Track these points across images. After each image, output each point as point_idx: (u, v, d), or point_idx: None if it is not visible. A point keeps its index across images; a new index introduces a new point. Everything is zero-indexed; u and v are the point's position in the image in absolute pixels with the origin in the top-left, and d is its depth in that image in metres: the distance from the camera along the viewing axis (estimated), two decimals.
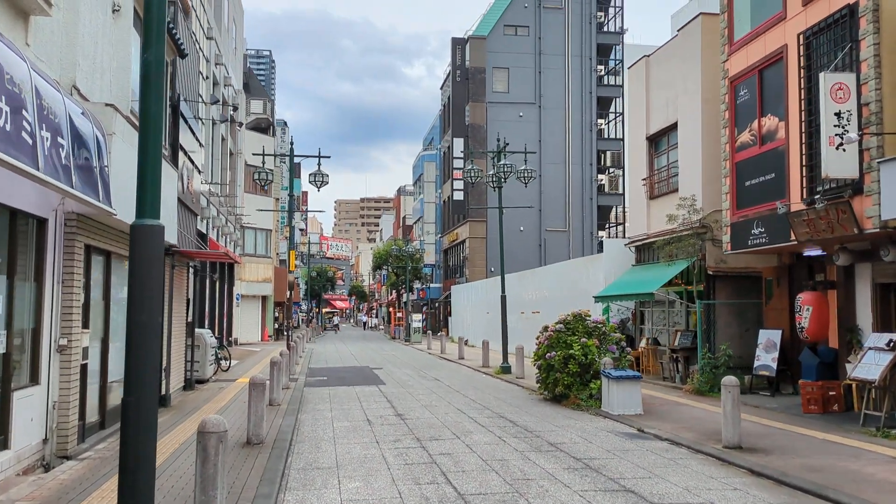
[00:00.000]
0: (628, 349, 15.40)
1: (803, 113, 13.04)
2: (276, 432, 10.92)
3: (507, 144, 22.54)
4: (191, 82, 17.49)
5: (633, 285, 18.93)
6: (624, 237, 61.00)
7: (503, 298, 22.36)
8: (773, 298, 16.16)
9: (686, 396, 15.57)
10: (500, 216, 22.73)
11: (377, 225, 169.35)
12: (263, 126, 50.08)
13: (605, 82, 52.58)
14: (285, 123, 73.44)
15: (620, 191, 51.48)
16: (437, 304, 59.75)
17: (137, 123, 7.51)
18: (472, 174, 22.04)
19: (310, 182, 21.94)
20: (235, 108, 33.06)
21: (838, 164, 11.33)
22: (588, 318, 15.47)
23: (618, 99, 51.89)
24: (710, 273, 16.92)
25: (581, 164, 49.50)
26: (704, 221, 16.78)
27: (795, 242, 13.29)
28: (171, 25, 13.53)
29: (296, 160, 34.89)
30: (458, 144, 49.27)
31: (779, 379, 15.33)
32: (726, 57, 15.83)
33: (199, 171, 22.23)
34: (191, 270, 16.41)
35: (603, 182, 52.00)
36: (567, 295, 25.46)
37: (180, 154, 14.86)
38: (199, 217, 22.25)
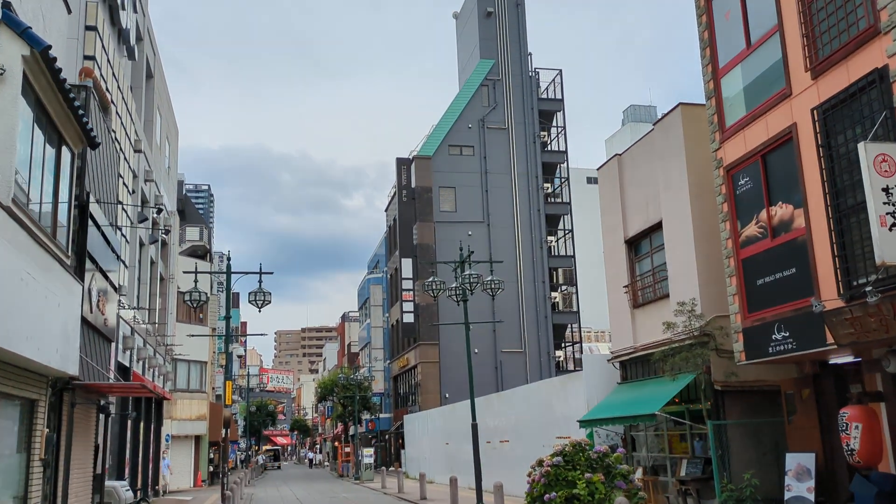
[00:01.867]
0: (639, 484, 12.80)
1: (828, 196, 11.30)
2: None
3: (472, 252, 20.45)
4: (108, 186, 15.09)
5: (627, 406, 16.51)
6: (580, 353, 59.47)
7: (474, 427, 19.60)
8: (796, 415, 13.92)
9: None
10: (466, 332, 20.32)
11: (320, 355, 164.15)
12: (200, 253, 47.29)
13: (554, 198, 51.99)
14: (225, 255, 70.88)
15: (575, 308, 49.89)
16: (387, 437, 55.83)
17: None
18: (434, 286, 19.77)
19: (250, 302, 19.32)
20: (167, 231, 30.57)
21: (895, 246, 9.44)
22: (590, 447, 12.90)
23: (566, 216, 51.23)
24: (719, 389, 14.67)
25: (533, 281, 47.91)
26: (706, 329, 14.70)
27: (834, 347, 11.22)
28: (80, 111, 11.23)
29: (234, 290, 32.23)
30: (407, 265, 47.31)
31: None
32: (718, 145, 14.28)
33: (119, 293, 19.42)
34: (102, 410, 13.37)
35: (556, 300, 50.38)
36: (541, 421, 22.80)
37: (89, 266, 12.22)
38: (116, 346, 19.22)
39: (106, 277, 14.13)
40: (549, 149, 52.66)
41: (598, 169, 20.43)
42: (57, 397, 10.87)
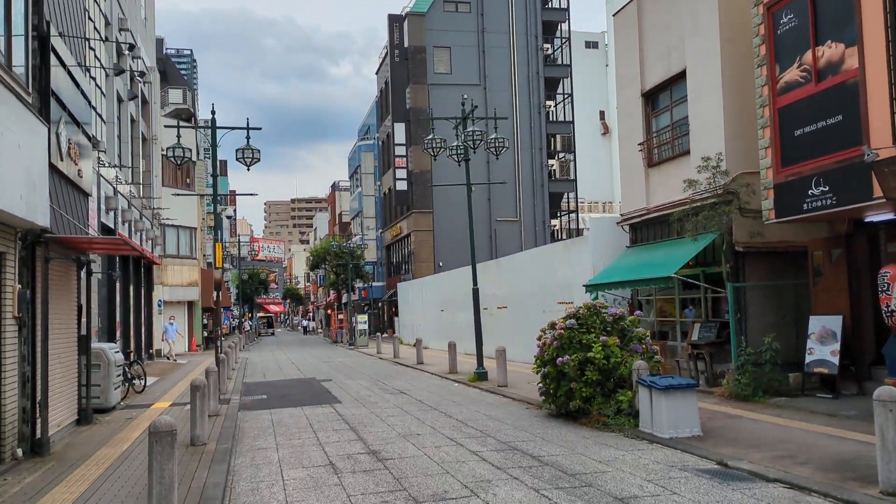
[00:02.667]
0: (654, 347, 12.13)
1: (889, 30, 9.97)
2: (198, 499, 7.18)
3: (476, 108, 19.05)
4: (74, 20, 13.43)
5: (639, 269, 15.72)
6: (576, 222, 59.16)
7: (475, 292, 18.91)
8: (823, 277, 13.14)
9: (724, 403, 12.39)
10: (468, 193, 19.24)
11: (310, 226, 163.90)
12: (184, 117, 45.28)
13: (553, 61, 49.69)
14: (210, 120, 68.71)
15: (572, 176, 48.80)
16: (380, 304, 56.00)
17: None
18: (434, 145, 18.50)
19: (238, 160, 18.08)
20: (143, 75, 28.70)
21: None
22: (605, 310, 12.13)
23: (566, 79, 49.16)
24: (740, 250, 13.81)
25: (530, 148, 46.52)
26: (731, 186, 13.65)
27: (880, 201, 10.22)
28: None
29: (221, 158, 30.72)
30: (400, 130, 45.66)
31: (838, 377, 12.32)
32: None
33: (98, 149, 18.09)
34: (81, 267, 12.37)
35: (553, 168, 49.18)
36: (542, 287, 22.19)
37: (57, 110, 10.87)
38: (98, 206, 18.09)
39: (79, 125, 12.80)
40: (550, 6, 49.84)
41: (613, 15, 18.72)
42: (28, 252, 9.86)
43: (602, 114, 75.38)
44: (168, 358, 29.96)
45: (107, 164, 20.45)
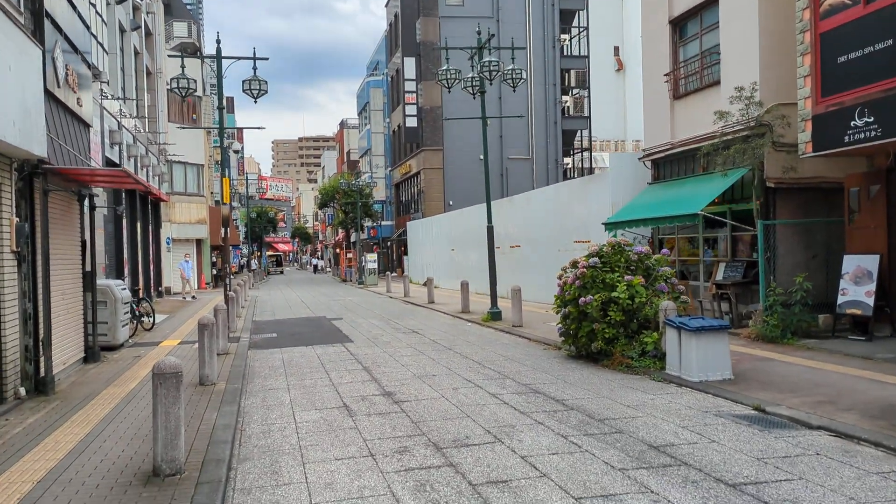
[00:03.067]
0: (680, 287, 11.63)
1: None
2: (207, 443, 6.80)
3: (492, 36, 18.17)
4: None
5: (662, 206, 15.10)
6: (587, 159, 57.92)
7: (490, 230, 18.36)
8: (859, 214, 12.51)
9: (752, 345, 11.94)
10: (483, 127, 18.50)
11: (318, 165, 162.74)
12: (190, 52, 44.15)
13: None
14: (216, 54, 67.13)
15: (586, 113, 47.66)
16: (389, 243, 55.64)
17: None
18: (448, 76, 17.71)
19: (244, 92, 17.36)
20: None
21: None
22: (630, 248, 11.59)
23: (581, 12, 47.58)
24: (771, 186, 13.16)
25: (544, 84, 45.31)
26: (764, 119, 12.93)
27: None
28: None
29: (228, 94, 29.67)
30: (410, 65, 44.47)
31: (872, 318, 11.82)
32: None
33: (100, 79, 17.41)
34: (82, 199, 11.85)
35: (567, 104, 48.01)
36: (557, 225, 21.62)
37: (52, 33, 10.18)
38: (102, 140, 17.50)
39: (77, 53, 12.12)
40: None
41: None
42: (26, 183, 9.35)
43: (616, 49, 73.44)
44: (186, 297, 29.61)
45: (110, 97, 19.78)
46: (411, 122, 44.89)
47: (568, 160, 48.82)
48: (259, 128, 20.06)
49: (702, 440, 6.58)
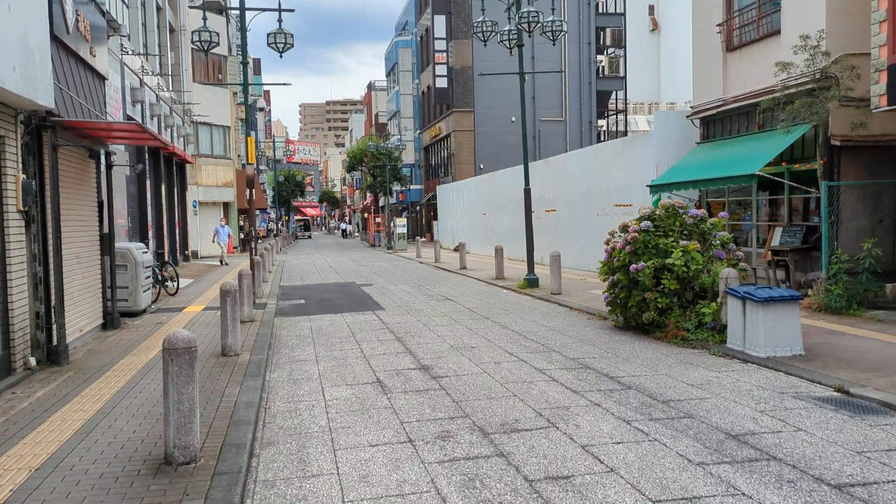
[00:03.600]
0: (739, 254, 10.71)
1: None
2: (227, 423, 6.12)
3: None
4: None
5: (713, 167, 14.09)
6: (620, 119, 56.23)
7: (527, 192, 17.46)
8: None
9: (814, 316, 11.02)
10: (521, 82, 17.47)
11: (346, 129, 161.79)
12: (215, 10, 43.24)
13: None
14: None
15: (622, 73, 46.15)
16: (418, 208, 54.88)
17: None
18: (485, 28, 16.71)
19: (269, 45, 16.54)
20: None
21: None
22: (685, 210, 10.68)
23: None
24: (837, 144, 12.10)
25: (578, 42, 43.80)
26: (831, 70, 11.83)
27: None
28: None
29: (255, 56, 28.80)
30: (440, 23, 43.19)
31: None
32: None
33: (119, 33, 16.67)
34: (94, 156, 11.16)
35: (602, 64, 46.50)
36: (596, 188, 20.63)
37: None
38: (119, 92, 16.81)
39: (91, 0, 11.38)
40: None
41: None
42: (33, 138, 8.67)
43: (651, 8, 71.31)
44: (222, 262, 29.03)
45: (130, 52, 19.07)
46: (441, 83, 43.76)
47: (602, 122, 47.45)
48: (285, 84, 19.25)
49: (786, 428, 5.75)
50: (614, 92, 46.71)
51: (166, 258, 24.57)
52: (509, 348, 9.54)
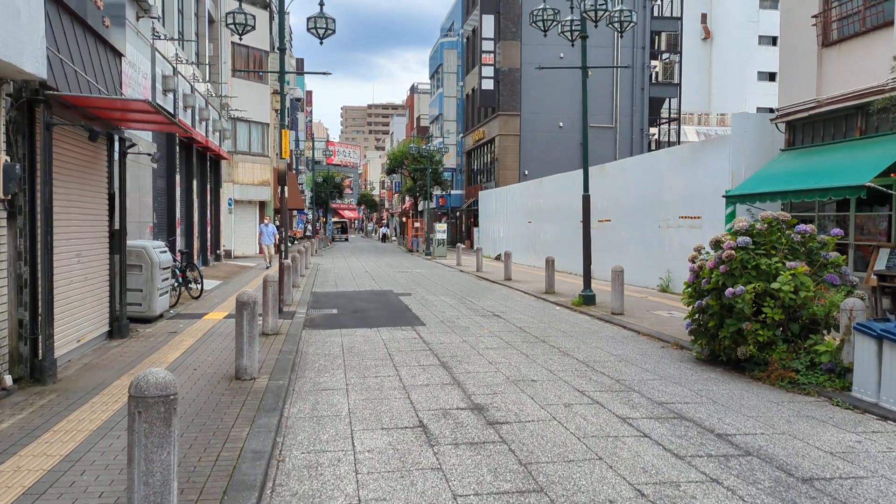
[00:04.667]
0: (853, 278, 8.95)
1: None
2: (224, 486, 4.61)
3: None
4: None
5: (807, 177, 12.31)
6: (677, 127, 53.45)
7: (587, 199, 15.81)
8: None
9: None
10: (583, 77, 15.93)
11: (386, 132, 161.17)
12: (259, 5, 42.23)
13: None
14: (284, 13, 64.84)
15: (676, 80, 44.13)
16: (458, 214, 53.35)
17: None
18: (545, 16, 15.13)
19: (309, 30, 15.18)
20: None
21: None
22: (793, 225, 8.96)
23: None
24: None
25: (632, 47, 41.92)
26: None
27: None
28: None
29: (298, 56, 27.48)
30: (488, 22, 41.68)
31: None
32: None
33: (149, 14, 15.48)
34: (93, 138, 9.77)
35: (656, 69, 44.54)
36: (658, 197, 18.89)
37: None
38: (148, 79, 15.56)
39: None
40: None
41: None
42: (23, 115, 7.34)
43: (704, 17, 69.04)
44: (269, 265, 26.86)
45: (163, 37, 17.86)
46: (487, 85, 42.18)
47: (654, 131, 45.46)
48: (325, 73, 17.80)
49: None
50: (667, 99, 44.67)
51: (196, 257, 23.38)
52: (578, 384, 7.92)
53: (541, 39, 39.82)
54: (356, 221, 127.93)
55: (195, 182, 23.58)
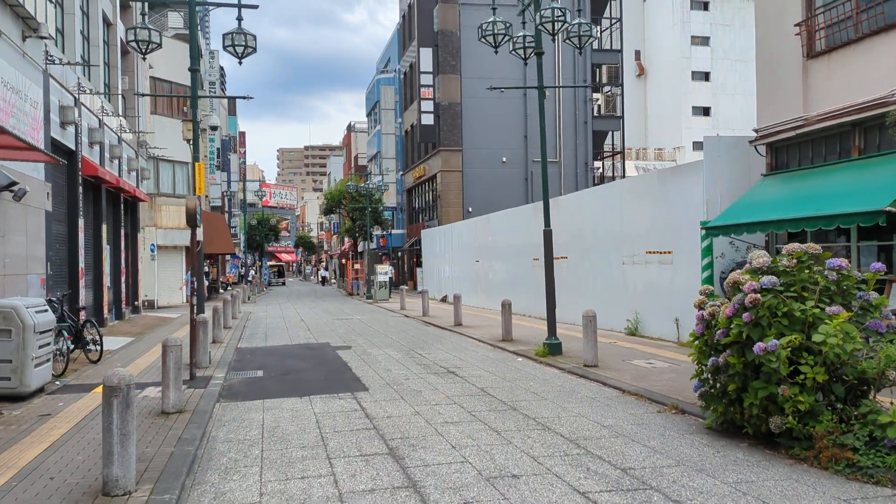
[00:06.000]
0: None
1: None
2: None
3: None
4: None
5: (802, 204, 10.74)
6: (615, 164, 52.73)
7: (548, 234, 13.96)
8: None
9: None
10: (540, 99, 14.15)
11: (324, 174, 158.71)
12: (185, 39, 39.83)
13: None
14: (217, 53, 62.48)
15: (619, 113, 43.37)
16: (400, 254, 51.33)
17: None
18: (495, 30, 13.43)
19: (225, 48, 13.14)
20: None
21: None
22: (827, 260, 7.22)
23: (613, 1, 43.35)
24: None
25: (573, 79, 41.01)
26: None
27: None
28: None
29: (229, 96, 25.55)
30: (426, 56, 40.26)
31: None
32: None
33: (38, 32, 13.28)
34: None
35: (598, 102, 43.74)
36: (619, 231, 17.27)
37: None
38: (35, 107, 13.24)
39: None
40: None
41: None
42: None
43: (637, 53, 69.50)
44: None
45: (57, 61, 15.56)
46: (427, 120, 40.59)
47: (598, 164, 44.50)
48: (247, 97, 15.74)
49: None
50: (610, 133, 43.85)
51: (106, 311, 20.76)
52: (574, 479, 5.93)
53: (482, 72, 38.61)
54: (294, 264, 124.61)
55: (105, 227, 21.03)
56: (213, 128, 23.07)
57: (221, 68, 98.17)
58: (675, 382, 10.09)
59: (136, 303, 26.08)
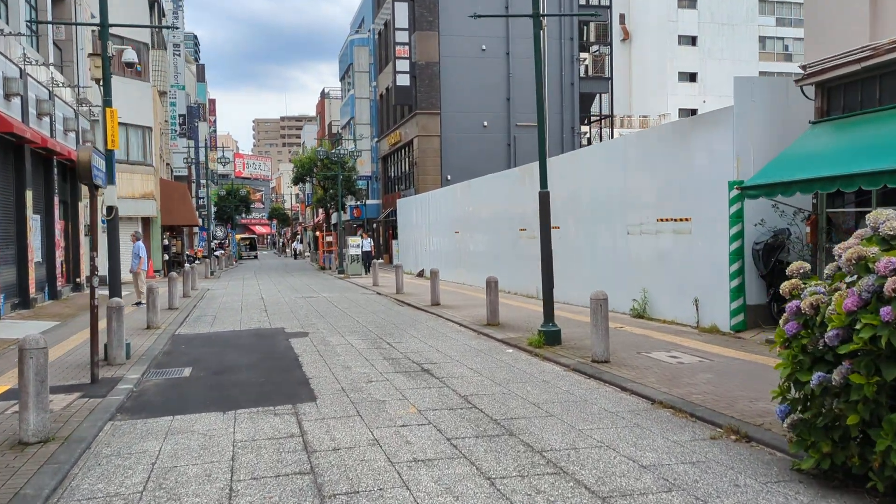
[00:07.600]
0: None
1: None
2: None
3: None
4: None
5: (872, 154, 8.32)
6: (609, 123, 50.63)
7: (544, 196, 11.41)
8: None
9: None
10: (535, 30, 11.62)
11: (300, 144, 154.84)
12: (150, 1, 36.40)
13: None
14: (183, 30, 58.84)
15: (607, 74, 40.80)
16: (375, 225, 48.70)
17: None
18: None
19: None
20: None
21: None
22: None
23: None
24: None
25: (559, 38, 38.35)
26: None
27: None
28: None
29: (202, 63, 22.55)
30: (402, 11, 37.33)
31: None
32: None
33: None
34: None
35: (586, 62, 41.11)
36: (626, 197, 14.82)
37: None
38: None
39: None
40: None
41: None
42: None
43: (622, 17, 66.76)
44: (140, 301, 18.62)
45: None
46: (403, 81, 37.74)
47: (586, 129, 41.99)
48: (173, 27, 12.72)
49: None
50: (598, 95, 41.29)
51: (33, 290, 18.06)
52: None
53: (460, 30, 35.86)
54: (268, 237, 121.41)
55: (30, 193, 18.25)
56: (129, 64, 20.07)
57: (195, 37, 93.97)
58: (718, 388, 7.71)
59: (77, 280, 23.34)
